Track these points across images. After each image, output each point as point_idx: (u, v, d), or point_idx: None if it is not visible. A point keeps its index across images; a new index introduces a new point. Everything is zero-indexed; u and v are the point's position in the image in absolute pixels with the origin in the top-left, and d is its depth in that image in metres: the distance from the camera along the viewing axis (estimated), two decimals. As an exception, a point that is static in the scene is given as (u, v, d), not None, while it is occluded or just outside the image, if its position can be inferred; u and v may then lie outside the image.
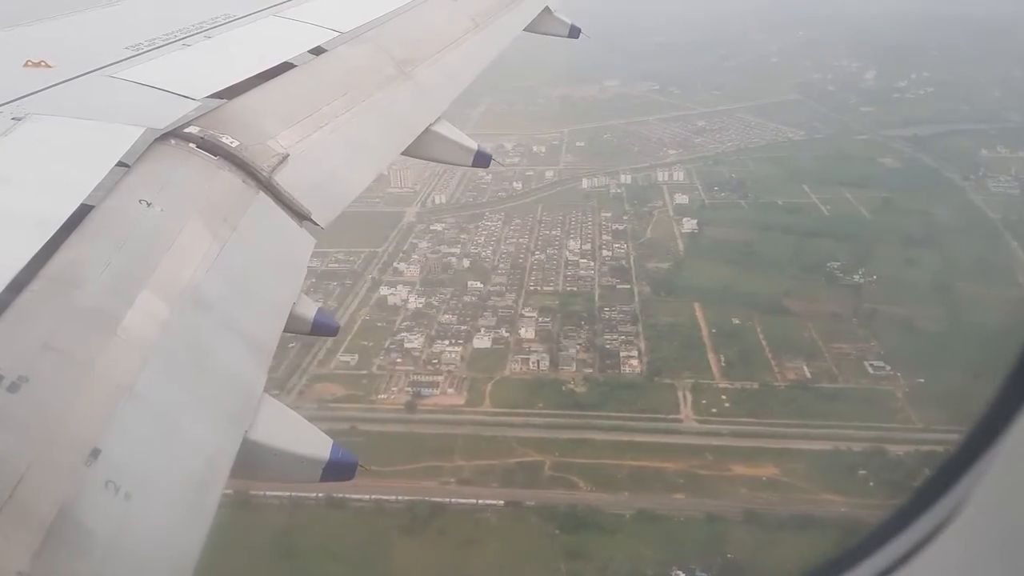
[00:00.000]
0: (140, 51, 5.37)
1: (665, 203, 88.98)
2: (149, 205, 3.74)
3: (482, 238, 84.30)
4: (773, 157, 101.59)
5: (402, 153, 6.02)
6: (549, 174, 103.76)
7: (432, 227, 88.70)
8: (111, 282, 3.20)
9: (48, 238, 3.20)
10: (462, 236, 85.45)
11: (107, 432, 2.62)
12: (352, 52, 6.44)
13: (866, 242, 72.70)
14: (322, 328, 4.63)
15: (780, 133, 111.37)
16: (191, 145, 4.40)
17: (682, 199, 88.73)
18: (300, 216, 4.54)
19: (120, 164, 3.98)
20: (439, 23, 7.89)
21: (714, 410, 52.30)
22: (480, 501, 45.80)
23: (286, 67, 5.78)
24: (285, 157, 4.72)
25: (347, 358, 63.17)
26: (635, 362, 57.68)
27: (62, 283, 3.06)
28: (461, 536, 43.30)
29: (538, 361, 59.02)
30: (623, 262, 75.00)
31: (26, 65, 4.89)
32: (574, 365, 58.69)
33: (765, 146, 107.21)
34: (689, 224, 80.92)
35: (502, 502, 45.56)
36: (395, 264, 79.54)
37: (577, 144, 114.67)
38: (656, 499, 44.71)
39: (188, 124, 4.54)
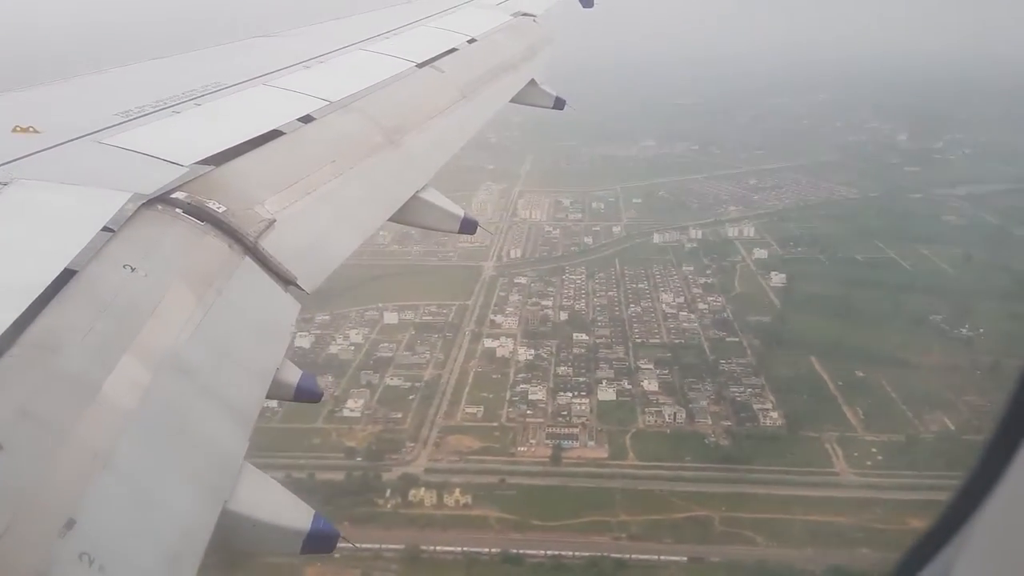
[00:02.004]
0: (129, 117, 5.27)
1: (744, 258, 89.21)
2: (133, 270, 3.64)
3: (571, 291, 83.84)
4: (835, 215, 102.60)
5: (389, 219, 5.89)
6: (616, 229, 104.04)
7: (515, 280, 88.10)
8: (92, 348, 3.10)
9: (29, 303, 3.10)
10: (549, 289, 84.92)
11: (83, 502, 2.51)
12: (340, 120, 6.36)
13: (960, 296, 72.80)
14: (305, 394, 4.38)
15: (834, 192, 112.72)
16: (177, 210, 4.31)
17: (761, 253, 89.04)
18: (285, 281, 4.43)
19: (105, 229, 3.86)
20: (427, 94, 7.79)
21: (868, 463, 51.40)
22: (662, 557, 44.30)
23: (275, 135, 5.68)
24: (272, 223, 4.62)
25: (472, 410, 61.92)
26: (775, 414, 56.84)
27: (42, 349, 2.98)
28: (655, 593, 41.80)
29: (674, 414, 58.02)
30: (722, 315, 74.67)
31: (14, 131, 4.80)
32: (709, 418, 57.76)
33: (823, 204, 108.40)
34: (777, 278, 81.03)
35: (685, 558, 44.09)
36: (491, 316, 78.70)
37: (634, 201, 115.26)
38: (843, 554, 43.43)
39: (175, 190, 4.43)
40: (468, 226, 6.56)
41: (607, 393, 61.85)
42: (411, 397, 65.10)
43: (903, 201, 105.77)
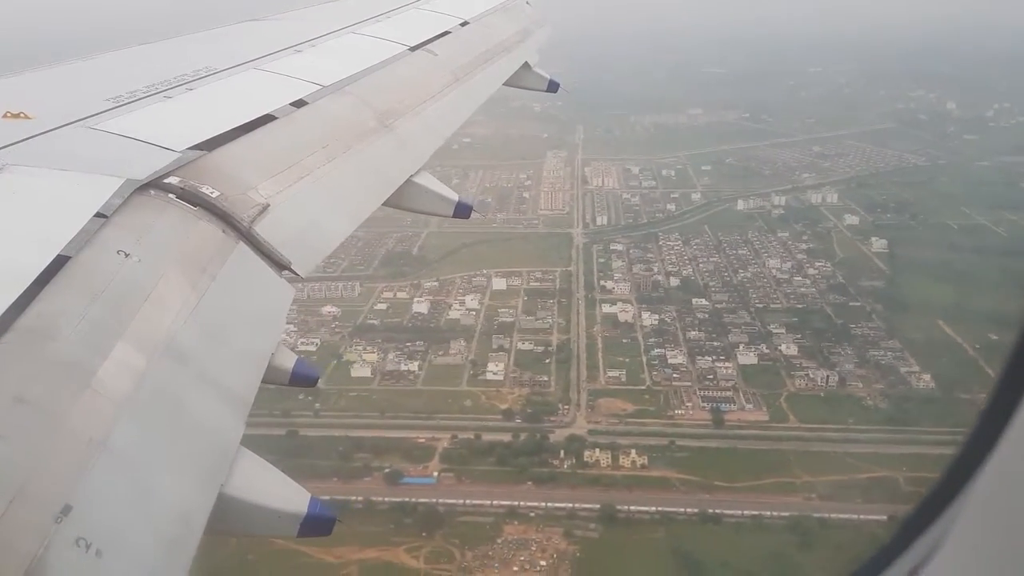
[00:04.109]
0: (121, 103, 5.14)
1: (836, 224, 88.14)
2: (127, 256, 3.56)
3: (672, 257, 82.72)
4: (910, 181, 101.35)
5: (383, 204, 5.76)
6: (695, 196, 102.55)
7: (611, 247, 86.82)
8: (86, 334, 3.05)
9: (23, 289, 3.05)
10: (648, 255, 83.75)
11: (79, 488, 2.48)
12: (333, 105, 6.25)
13: (1067, 262, 72.22)
14: (301, 379, 4.27)
15: (903, 159, 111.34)
16: (171, 196, 4.21)
17: (852, 220, 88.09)
18: (280, 266, 4.33)
19: (98, 215, 3.78)
20: (420, 77, 7.63)
21: (1033, 424, 51.09)
22: (861, 516, 44.01)
23: (267, 119, 5.55)
24: (265, 207, 4.53)
25: (614, 373, 61.13)
26: (926, 376, 56.36)
27: (36, 335, 2.93)
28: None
29: (826, 377, 57.46)
30: (835, 280, 73.90)
31: (5, 116, 4.68)
32: (859, 381, 57.28)
33: (895, 171, 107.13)
34: (878, 244, 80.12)
35: (885, 517, 43.78)
36: (601, 282, 77.58)
37: (703, 168, 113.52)
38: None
39: (168, 175, 4.34)
40: (462, 210, 6.38)
41: (747, 357, 61.20)
42: (547, 361, 64.30)
43: (972, 169, 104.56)
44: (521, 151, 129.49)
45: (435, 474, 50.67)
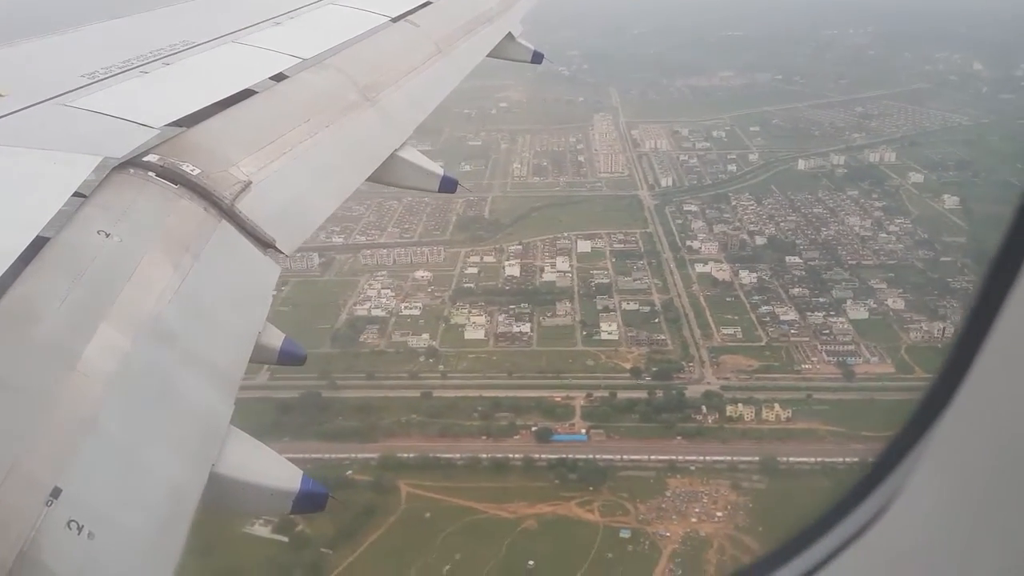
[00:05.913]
0: (96, 79, 4.95)
1: (900, 182, 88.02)
2: (108, 236, 3.48)
3: (750, 216, 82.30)
4: (961, 140, 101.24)
5: (367, 179, 5.62)
6: (752, 157, 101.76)
7: (684, 208, 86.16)
8: (69, 315, 2.98)
9: (2, 272, 2.97)
10: (725, 215, 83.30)
11: (68, 470, 2.43)
12: (314, 78, 6.06)
13: None
14: (289, 357, 4.27)
15: (946, 119, 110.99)
16: (150, 174, 4.08)
17: (917, 178, 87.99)
18: (264, 244, 4.21)
19: (77, 194, 3.69)
20: (402, 49, 7.40)
21: None
22: None
23: (247, 94, 5.38)
24: (248, 184, 4.41)
25: (728, 331, 61.07)
26: (1041, 327, 56.71)
27: (17, 318, 2.86)
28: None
29: (942, 329, 57.70)
30: (917, 236, 74.02)
31: None
32: (975, 333, 57.55)
33: (943, 130, 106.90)
34: (950, 201, 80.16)
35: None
36: (687, 243, 77.07)
37: (751, 129, 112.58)
38: None
39: (147, 152, 4.22)
40: (448, 184, 6.18)
41: (857, 312, 61.32)
42: (655, 320, 64.08)
43: (1017, 127, 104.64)
44: (561, 115, 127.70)
45: (584, 431, 50.52)
